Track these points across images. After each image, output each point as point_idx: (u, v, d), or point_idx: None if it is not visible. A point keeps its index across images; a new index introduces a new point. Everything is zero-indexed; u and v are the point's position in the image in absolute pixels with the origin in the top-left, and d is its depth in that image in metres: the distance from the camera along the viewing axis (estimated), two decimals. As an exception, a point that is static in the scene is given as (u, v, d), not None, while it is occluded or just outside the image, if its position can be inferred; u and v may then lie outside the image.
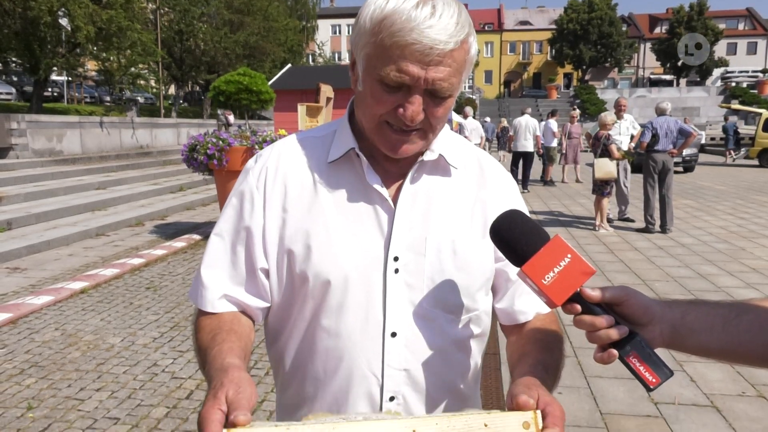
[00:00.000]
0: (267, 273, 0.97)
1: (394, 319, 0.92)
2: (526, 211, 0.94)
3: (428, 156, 0.96)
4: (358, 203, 0.95)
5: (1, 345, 3.91)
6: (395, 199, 0.95)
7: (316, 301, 0.93)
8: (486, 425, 0.67)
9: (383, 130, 0.90)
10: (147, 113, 20.68)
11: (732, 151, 20.82)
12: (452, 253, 0.94)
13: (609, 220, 8.35)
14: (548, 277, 0.77)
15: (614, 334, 0.76)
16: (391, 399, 0.93)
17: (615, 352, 0.77)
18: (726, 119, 22.74)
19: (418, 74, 0.83)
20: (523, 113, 13.02)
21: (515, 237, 0.82)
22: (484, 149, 19.13)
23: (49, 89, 21.57)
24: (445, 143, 0.99)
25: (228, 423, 0.68)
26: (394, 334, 0.92)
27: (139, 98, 24.83)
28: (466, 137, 12.86)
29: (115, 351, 3.84)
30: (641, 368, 0.75)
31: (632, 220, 8.60)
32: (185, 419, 2.97)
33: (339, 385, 0.94)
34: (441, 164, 0.98)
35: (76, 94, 23.10)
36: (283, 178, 0.97)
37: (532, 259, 0.78)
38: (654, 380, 0.75)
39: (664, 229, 7.85)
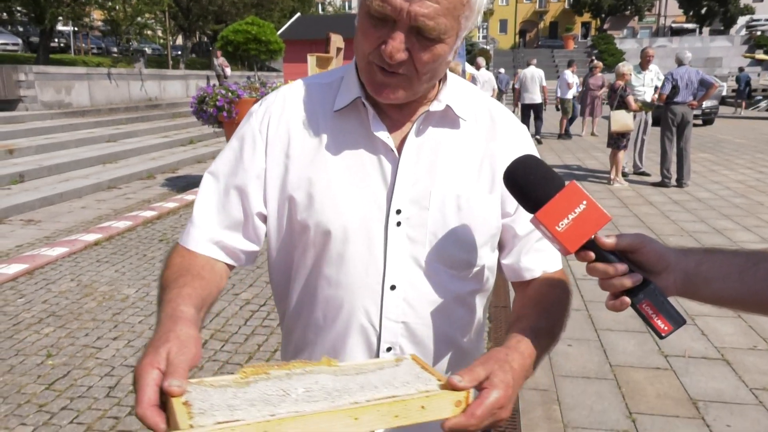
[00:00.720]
0: (263, 218, 0.96)
1: (394, 272, 0.91)
2: None
3: (434, 107, 0.92)
4: (362, 153, 0.92)
5: (19, 295, 4.00)
6: (400, 150, 0.92)
7: (317, 249, 0.93)
8: (423, 407, 0.69)
9: (370, 70, 0.86)
10: (155, 65, 20.39)
11: (744, 103, 20.42)
12: (456, 209, 0.92)
13: (624, 174, 8.23)
14: (562, 224, 0.76)
15: (627, 281, 0.75)
16: (388, 349, 0.94)
17: (627, 299, 0.76)
18: (741, 70, 22.09)
19: (400, 6, 0.78)
20: (528, 65, 12.71)
21: (529, 183, 0.79)
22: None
23: (56, 40, 21.26)
24: (453, 94, 0.95)
25: (162, 388, 0.65)
26: (393, 287, 0.91)
27: (146, 49, 24.46)
28: (478, 89, 12.51)
29: (130, 301, 3.91)
30: (653, 316, 0.75)
31: (648, 174, 8.46)
32: (200, 367, 3.04)
33: (337, 333, 0.94)
34: (449, 116, 0.94)
35: (83, 45, 22.77)
36: (287, 124, 0.94)
37: (546, 205, 0.76)
38: (666, 328, 0.75)
39: (680, 183, 7.72)
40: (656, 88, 8.15)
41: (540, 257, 0.98)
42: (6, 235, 5.44)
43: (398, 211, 0.91)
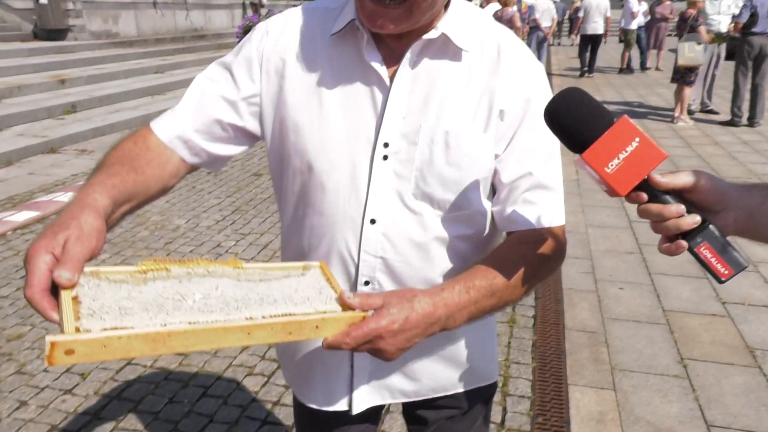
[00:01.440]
0: (246, 134, 0.96)
1: (376, 205, 0.89)
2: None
3: (430, 35, 0.85)
4: (354, 81, 0.89)
5: (77, 221, 4.17)
6: (393, 81, 0.87)
7: (304, 177, 0.92)
8: (317, 327, 0.70)
9: None
10: (200, -6, 20.11)
11: None
12: (444, 146, 0.86)
13: (689, 112, 7.69)
14: (612, 165, 0.68)
15: (684, 224, 0.68)
16: (366, 283, 0.92)
17: (684, 243, 0.69)
18: None
19: None
20: (593, -7, 11.79)
21: (575, 120, 0.71)
22: (555, 33, 17.40)
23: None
24: (454, 22, 0.87)
25: (52, 277, 0.62)
26: (373, 221, 0.89)
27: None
28: (535, 19, 11.60)
29: (180, 231, 4.01)
30: (713, 260, 0.69)
31: (716, 112, 7.88)
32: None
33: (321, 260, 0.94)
34: (450, 46, 0.87)
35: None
36: (285, 45, 0.92)
37: (593, 145, 0.69)
38: (726, 272, 0.69)
39: (751, 122, 7.16)
40: (733, 16, 7.41)
41: (528, 210, 0.90)
42: (61, 164, 5.63)
43: (386, 145, 0.87)
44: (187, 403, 2.31)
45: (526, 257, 0.88)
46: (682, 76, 7.17)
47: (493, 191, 0.94)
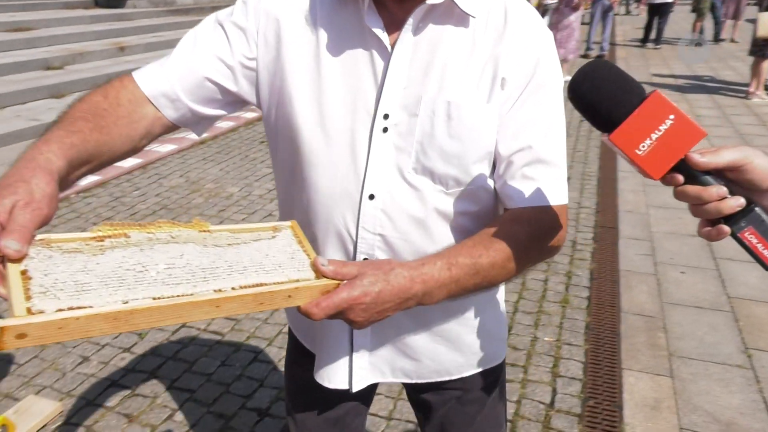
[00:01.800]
0: (236, 97, 0.90)
1: (374, 180, 0.84)
2: (559, 80, 0.85)
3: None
4: (354, 48, 0.84)
5: (135, 187, 4.31)
6: (395, 48, 0.82)
7: (301, 150, 0.87)
8: (290, 296, 0.67)
9: None
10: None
11: None
12: (446, 118, 0.81)
13: (766, 87, 7.16)
14: (644, 146, 0.62)
15: (727, 207, 0.62)
16: (365, 260, 0.88)
17: (726, 228, 0.63)
18: None
19: None
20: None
21: (601, 96, 0.65)
22: (623, 1, 16.53)
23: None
24: None
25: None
26: (371, 197, 0.85)
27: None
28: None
29: (234, 199, 4.09)
30: (759, 245, 0.63)
31: (795, 87, 7.31)
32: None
33: (318, 238, 0.91)
34: (456, 12, 0.82)
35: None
36: (283, 7, 0.87)
37: (622, 124, 0.63)
38: None
39: (835, 98, 6.62)
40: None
41: (526, 186, 0.84)
42: (123, 130, 5.82)
43: (386, 116, 0.82)
44: (239, 367, 2.38)
45: (517, 237, 0.82)
46: (762, 48, 6.65)
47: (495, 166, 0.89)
